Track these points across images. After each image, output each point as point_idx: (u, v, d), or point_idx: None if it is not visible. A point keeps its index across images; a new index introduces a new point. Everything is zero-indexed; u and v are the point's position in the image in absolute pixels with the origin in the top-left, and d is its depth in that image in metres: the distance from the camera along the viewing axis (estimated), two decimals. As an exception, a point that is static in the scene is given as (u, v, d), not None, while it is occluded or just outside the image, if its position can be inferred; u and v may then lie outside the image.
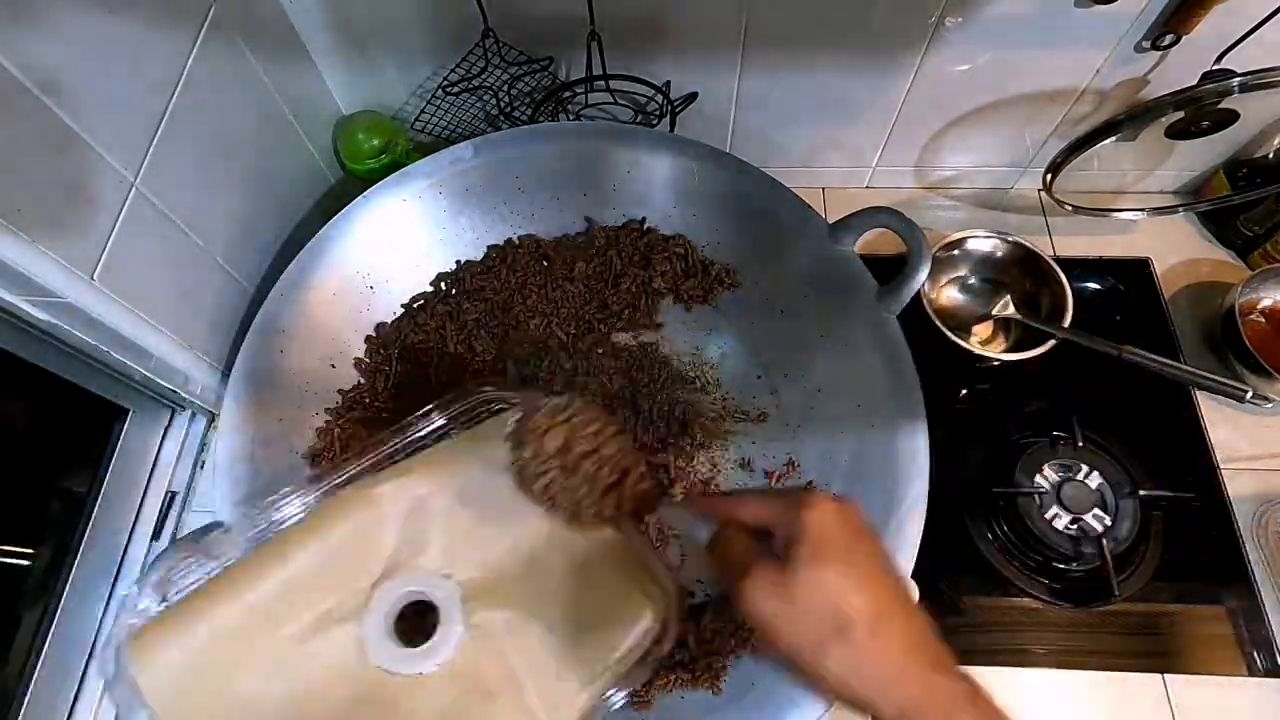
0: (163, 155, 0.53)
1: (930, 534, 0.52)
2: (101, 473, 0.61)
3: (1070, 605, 0.62)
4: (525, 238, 0.70)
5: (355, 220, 0.65)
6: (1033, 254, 0.74)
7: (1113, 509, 0.64)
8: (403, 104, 0.78)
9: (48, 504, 0.58)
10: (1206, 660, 0.60)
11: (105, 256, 0.49)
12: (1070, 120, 0.73)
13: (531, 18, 0.66)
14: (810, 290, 0.64)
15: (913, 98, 0.72)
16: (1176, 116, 0.62)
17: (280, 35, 0.67)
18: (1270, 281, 0.73)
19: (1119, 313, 0.76)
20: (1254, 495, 0.66)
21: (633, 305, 0.68)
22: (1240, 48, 0.59)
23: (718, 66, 0.70)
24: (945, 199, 0.85)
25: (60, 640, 0.56)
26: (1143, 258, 0.79)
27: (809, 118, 0.76)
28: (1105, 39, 0.64)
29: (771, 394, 0.65)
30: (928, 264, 0.55)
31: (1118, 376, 0.68)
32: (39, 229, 0.44)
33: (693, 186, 0.67)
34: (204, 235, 0.59)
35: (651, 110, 0.75)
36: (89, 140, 0.47)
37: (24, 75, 0.41)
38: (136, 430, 0.64)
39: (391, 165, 0.72)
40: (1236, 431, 0.69)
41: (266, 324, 0.60)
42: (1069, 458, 0.66)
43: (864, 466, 0.57)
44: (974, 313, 0.76)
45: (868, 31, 0.64)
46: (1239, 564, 0.63)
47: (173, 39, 0.54)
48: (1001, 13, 0.62)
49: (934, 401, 0.56)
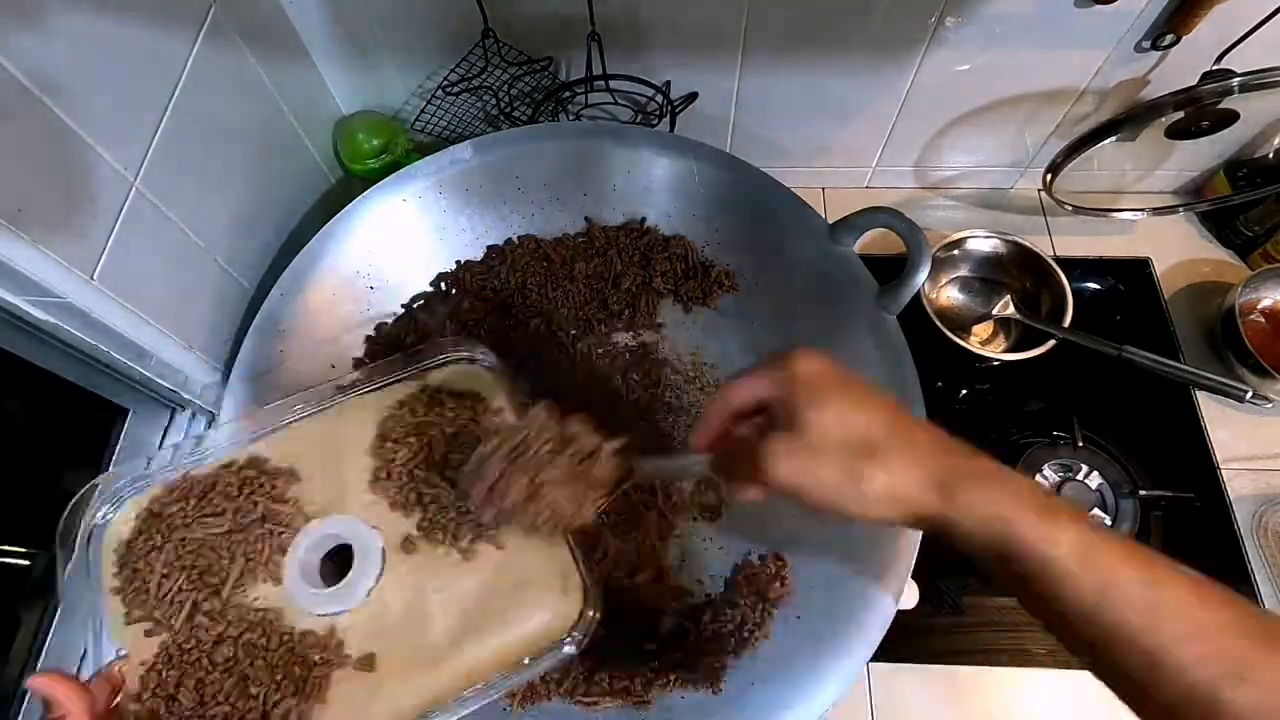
0: (163, 155, 0.53)
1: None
2: (101, 473, 0.60)
3: (1070, 605, 0.62)
4: (525, 238, 0.70)
5: (355, 220, 0.65)
6: (1033, 254, 0.74)
7: (1113, 509, 0.64)
8: (403, 104, 0.78)
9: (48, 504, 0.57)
10: (1206, 660, 0.60)
11: (105, 256, 0.49)
12: (1070, 120, 0.73)
13: (531, 18, 0.66)
14: (810, 290, 0.63)
15: (913, 98, 0.72)
16: (1176, 116, 0.62)
17: (280, 35, 0.67)
18: (1270, 281, 0.73)
19: (1119, 313, 0.76)
20: (1254, 495, 0.66)
21: (633, 305, 0.68)
22: (1240, 48, 0.59)
23: (718, 66, 0.70)
24: (945, 199, 0.85)
25: (60, 640, 0.56)
26: (1143, 258, 0.79)
27: (809, 118, 0.76)
28: (1105, 39, 0.64)
29: (771, 394, 0.65)
30: (928, 264, 0.55)
31: (1118, 376, 0.68)
32: (39, 229, 0.44)
33: (693, 186, 0.67)
34: (204, 235, 0.59)
35: (651, 110, 0.75)
36: (89, 140, 0.47)
37: (24, 75, 0.41)
38: (136, 430, 0.63)
39: (391, 165, 0.72)
40: (1236, 431, 0.69)
41: (266, 324, 0.60)
42: (1069, 458, 0.66)
43: (864, 466, 0.57)
44: (974, 313, 0.76)
45: (868, 31, 0.64)
46: (1239, 564, 0.63)
47: (173, 39, 0.54)
48: (1001, 13, 0.62)
49: (934, 401, 0.56)
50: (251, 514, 0.44)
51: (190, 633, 0.41)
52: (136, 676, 0.40)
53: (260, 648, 0.41)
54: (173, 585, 0.42)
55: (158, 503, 0.45)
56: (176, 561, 0.42)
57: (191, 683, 0.39)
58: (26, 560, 0.55)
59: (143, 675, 0.40)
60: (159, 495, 0.45)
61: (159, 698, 0.39)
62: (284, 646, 0.41)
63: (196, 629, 0.41)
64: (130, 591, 0.42)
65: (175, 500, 0.44)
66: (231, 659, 0.40)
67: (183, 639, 0.41)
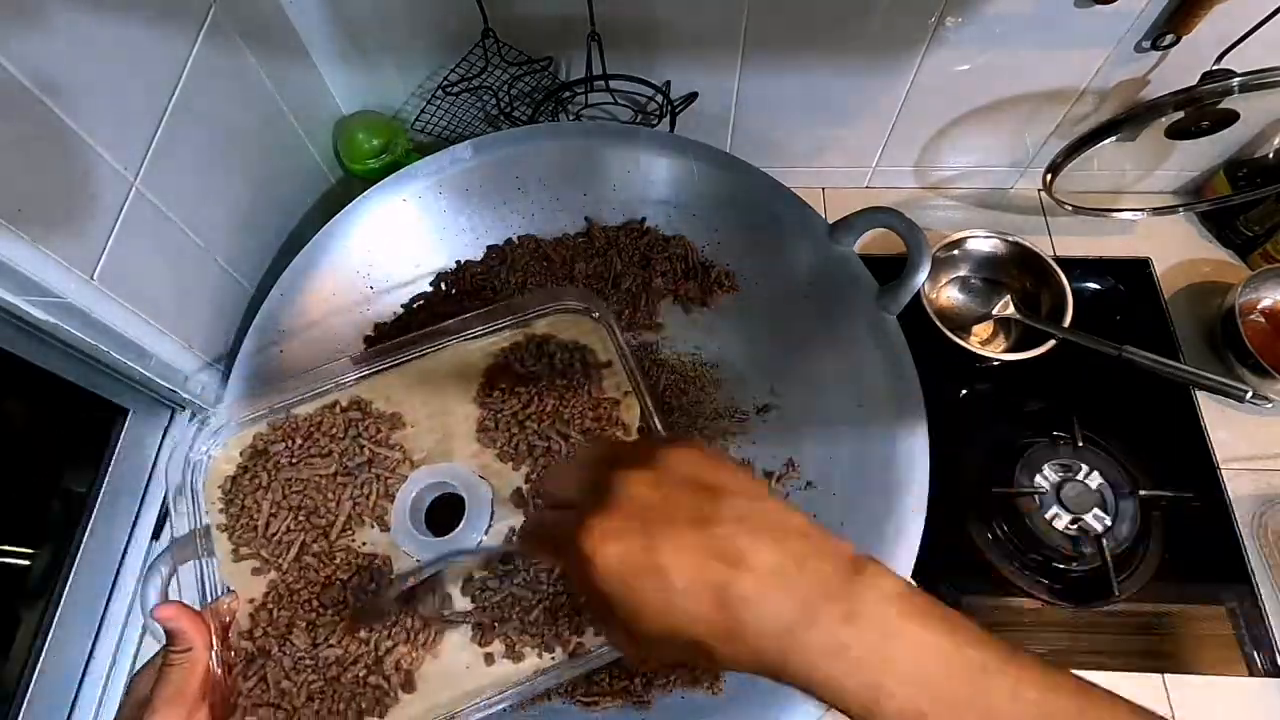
0: (163, 155, 0.53)
1: (930, 534, 0.52)
2: (101, 473, 0.60)
3: (1070, 605, 0.62)
4: (525, 238, 0.70)
5: (355, 220, 0.65)
6: (1033, 254, 0.74)
7: (1113, 509, 0.64)
8: (403, 104, 0.78)
9: (48, 504, 0.57)
10: (1206, 660, 0.60)
11: (105, 256, 0.49)
12: (1070, 120, 0.73)
13: (531, 18, 0.66)
14: (810, 290, 0.64)
15: (913, 98, 0.72)
16: (1176, 116, 0.62)
17: (280, 35, 0.67)
18: (1270, 281, 0.73)
19: (1119, 313, 0.76)
20: (1254, 495, 0.66)
21: (633, 305, 0.68)
22: (1240, 48, 0.59)
23: (718, 66, 0.70)
24: (945, 199, 0.85)
25: (60, 640, 0.56)
26: (1143, 258, 0.79)
27: (809, 118, 0.76)
28: (1105, 39, 0.64)
29: (771, 394, 0.65)
30: (928, 264, 0.55)
31: (1118, 376, 0.68)
32: (39, 229, 0.44)
33: (693, 186, 0.67)
34: (204, 235, 0.59)
35: (651, 110, 0.75)
36: (89, 140, 0.47)
37: (24, 75, 0.41)
38: (136, 430, 0.63)
39: (391, 165, 0.72)
40: (1236, 431, 0.69)
41: (266, 324, 0.60)
42: (1069, 458, 0.66)
43: (864, 466, 0.57)
44: (974, 313, 0.76)
45: (868, 32, 0.64)
46: (1239, 564, 0.63)
47: (173, 39, 0.54)
48: (1001, 13, 0.62)
49: (934, 401, 0.56)
50: (359, 457, 0.44)
51: (300, 573, 0.41)
52: (246, 614, 0.40)
53: (370, 593, 0.40)
54: (281, 525, 0.41)
55: (262, 440, 0.44)
56: (284, 501, 0.42)
57: (303, 623, 0.39)
58: (26, 560, 0.55)
59: (253, 613, 0.40)
60: (264, 433, 0.45)
61: (271, 636, 0.39)
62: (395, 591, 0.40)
63: (305, 569, 0.41)
64: (238, 529, 0.42)
65: (281, 439, 0.44)
66: (341, 601, 0.40)
67: (291, 579, 0.41)
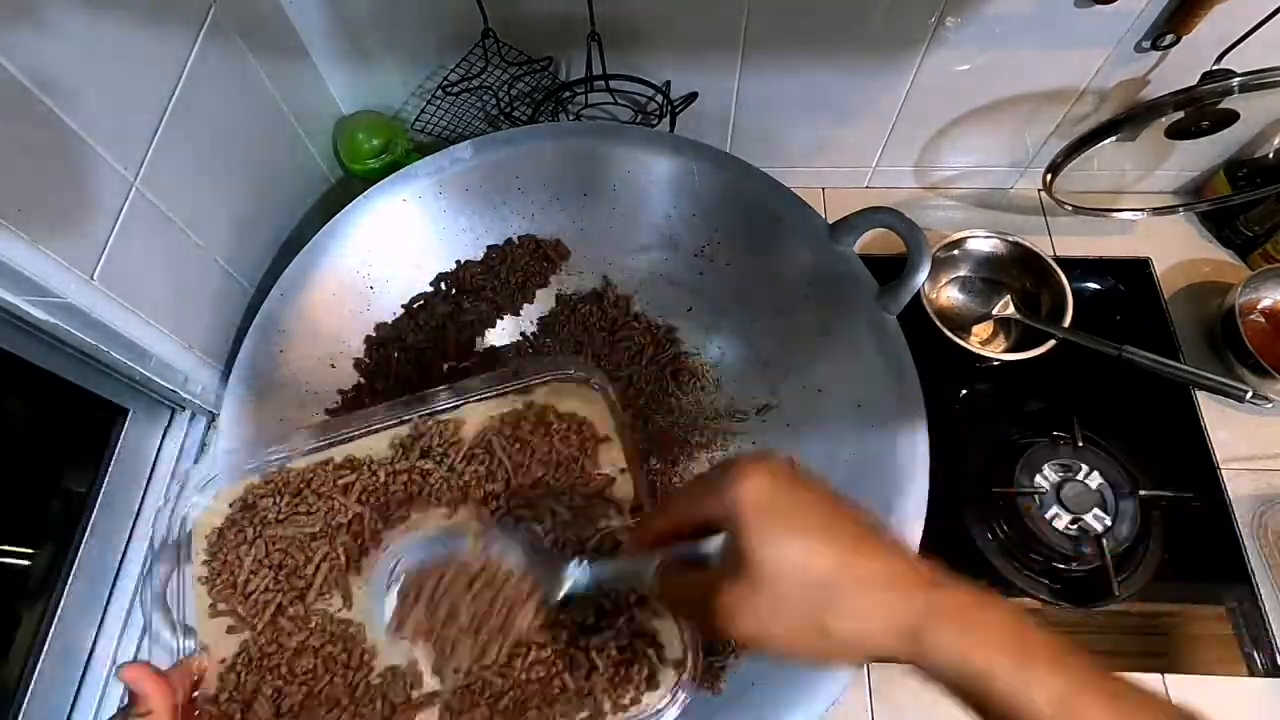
0: (163, 155, 0.53)
1: (930, 534, 0.52)
2: (101, 473, 0.60)
3: (1070, 605, 0.62)
4: (525, 238, 0.70)
5: (355, 220, 0.65)
6: (1033, 254, 0.74)
7: (1113, 509, 0.64)
8: (403, 104, 0.78)
9: (48, 504, 0.57)
10: (1206, 660, 0.60)
11: (105, 256, 0.49)
12: (1070, 120, 0.73)
13: (531, 18, 0.66)
14: (810, 290, 0.63)
15: (913, 98, 0.72)
16: (1176, 116, 0.62)
17: (280, 35, 0.67)
18: (1270, 281, 0.73)
19: (1119, 313, 0.76)
20: (1254, 495, 0.66)
21: (633, 305, 0.68)
22: (1240, 48, 0.59)
23: (718, 66, 0.70)
24: (945, 199, 0.85)
25: (60, 640, 0.56)
26: (1143, 258, 0.79)
27: (809, 118, 0.76)
28: (1105, 39, 0.64)
29: (771, 394, 0.65)
30: (928, 264, 0.55)
31: (1118, 376, 0.68)
32: (39, 229, 0.44)
33: (692, 186, 0.67)
34: (204, 235, 0.59)
35: (651, 110, 0.75)
36: (89, 140, 0.47)
37: (24, 75, 0.41)
38: (136, 430, 0.63)
39: (391, 165, 0.72)
40: (1236, 431, 0.69)
41: (266, 324, 0.60)
42: (1069, 458, 0.66)
43: (864, 466, 0.57)
44: (974, 313, 0.76)
45: (868, 32, 0.64)
46: (1239, 564, 0.63)
47: (173, 39, 0.54)
48: (1001, 13, 0.62)
49: (934, 401, 0.56)
50: (341, 516, 0.42)
51: (272, 635, 0.39)
52: (215, 675, 0.39)
53: (341, 664, 0.39)
54: (260, 583, 0.40)
55: (252, 493, 0.43)
56: (265, 559, 0.41)
57: (269, 690, 0.38)
58: (27, 560, 0.55)
59: (221, 674, 0.39)
60: (255, 486, 0.44)
61: (235, 702, 0.38)
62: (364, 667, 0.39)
63: (279, 633, 0.40)
64: (218, 583, 0.41)
65: (270, 493, 0.43)
66: (311, 672, 0.39)
67: (264, 641, 0.39)
